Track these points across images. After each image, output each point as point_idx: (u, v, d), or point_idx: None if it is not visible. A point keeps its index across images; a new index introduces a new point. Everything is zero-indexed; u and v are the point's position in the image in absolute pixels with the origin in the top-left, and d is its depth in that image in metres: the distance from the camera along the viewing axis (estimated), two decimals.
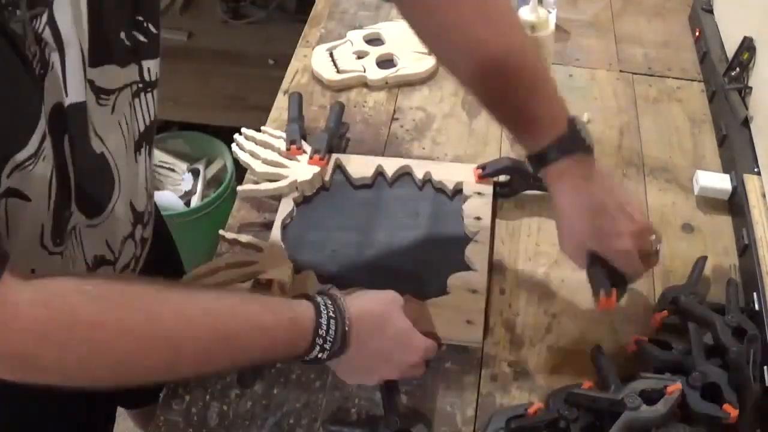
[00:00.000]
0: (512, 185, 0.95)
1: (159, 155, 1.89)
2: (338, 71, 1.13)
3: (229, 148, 2.09)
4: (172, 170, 1.91)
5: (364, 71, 1.13)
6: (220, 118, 2.00)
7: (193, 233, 1.69)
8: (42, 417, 0.84)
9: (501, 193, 0.95)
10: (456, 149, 1.03)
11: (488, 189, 0.94)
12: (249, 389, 0.77)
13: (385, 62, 1.16)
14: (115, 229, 0.75)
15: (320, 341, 0.65)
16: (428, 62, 1.14)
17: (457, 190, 0.95)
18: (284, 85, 1.14)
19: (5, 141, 0.56)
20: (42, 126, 0.58)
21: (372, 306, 0.72)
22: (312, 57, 1.16)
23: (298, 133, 0.98)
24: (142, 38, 0.67)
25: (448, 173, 0.96)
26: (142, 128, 0.73)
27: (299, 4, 1.97)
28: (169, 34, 1.92)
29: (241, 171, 1.36)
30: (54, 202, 0.63)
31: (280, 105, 1.10)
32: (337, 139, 1.01)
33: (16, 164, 0.57)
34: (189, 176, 1.91)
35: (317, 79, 1.14)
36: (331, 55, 1.16)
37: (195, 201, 1.86)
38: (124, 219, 0.75)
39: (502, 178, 0.95)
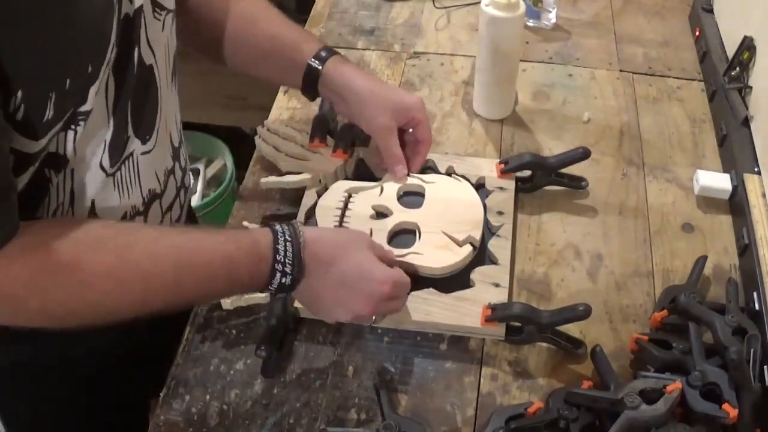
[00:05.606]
0: (534, 180, 0.95)
1: None
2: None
3: (230, 147, 2.08)
4: None
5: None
6: (220, 118, 2.00)
7: None
8: (81, 401, 0.90)
9: (522, 189, 0.95)
10: (456, 149, 1.03)
11: (510, 184, 0.94)
12: (273, 378, 0.77)
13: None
14: (161, 159, 0.79)
15: (279, 266, 0.68)
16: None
17: (480, 185, 0.95)
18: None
19: (96, 54, 0.60)
20: (113, 37, 0.62)
21: (331, 234, 0.78)
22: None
23: (320, 126, 0.97)
24: None
25: (470, 167, 0.96)
26: (173, 56, 0.78)
27: (299, 3, 1.96)
28: None
29: (241, 171, 1.36)
30: (112, 112, 0.67)
31: (280, 105, 1.10)
32: (361, 133, 0.96)
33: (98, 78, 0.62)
34: (189, 176, 1.91)
35: None
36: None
37: (195, 201, 1.86)
38: (166, 149, 0.80)
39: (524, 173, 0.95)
